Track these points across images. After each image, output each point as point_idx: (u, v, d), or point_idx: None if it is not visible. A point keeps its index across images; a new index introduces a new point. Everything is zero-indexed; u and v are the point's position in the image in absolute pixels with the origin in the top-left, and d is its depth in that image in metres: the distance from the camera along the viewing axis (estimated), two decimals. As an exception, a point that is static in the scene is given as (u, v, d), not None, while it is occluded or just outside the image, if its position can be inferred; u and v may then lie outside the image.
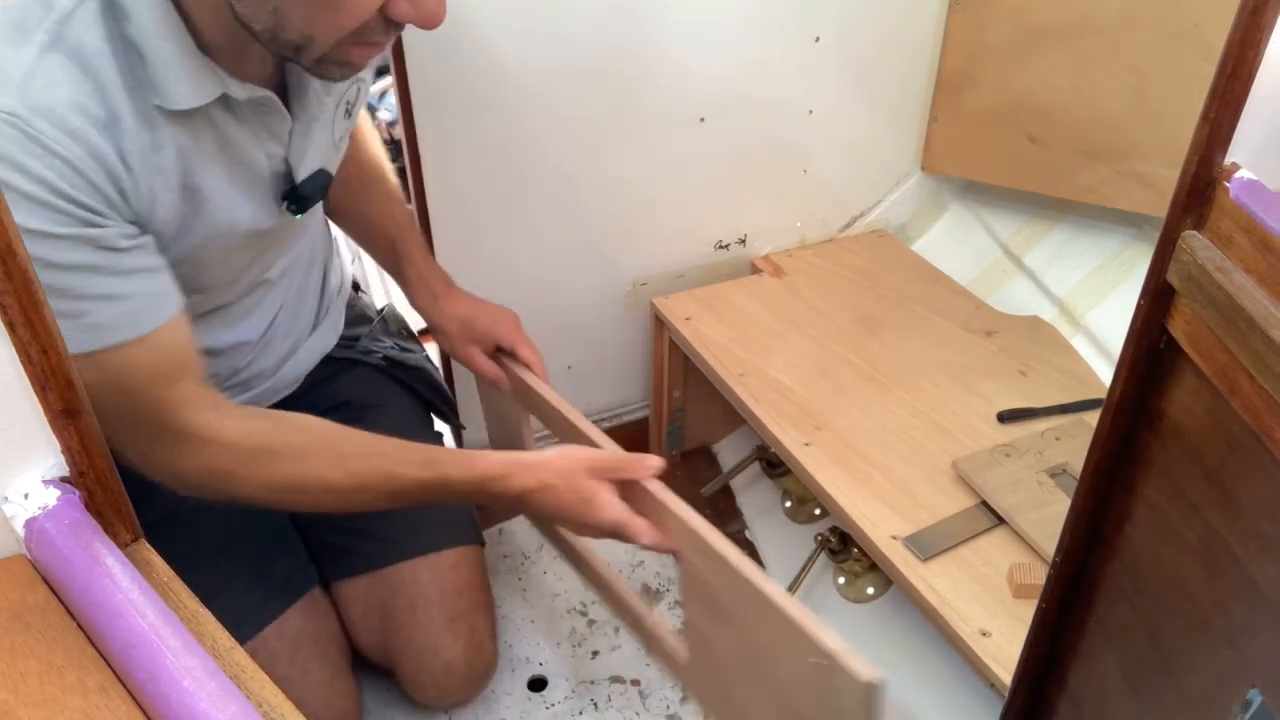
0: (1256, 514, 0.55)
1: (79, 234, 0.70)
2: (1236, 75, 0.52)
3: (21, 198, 0.67)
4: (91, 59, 0.70)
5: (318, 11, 0.70)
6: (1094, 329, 1.31)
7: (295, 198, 0.89)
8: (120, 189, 0.73)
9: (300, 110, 0.86)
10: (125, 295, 0.74)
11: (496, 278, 1.26)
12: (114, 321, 0.74)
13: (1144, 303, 0.61)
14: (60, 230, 0.69)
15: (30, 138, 0.67)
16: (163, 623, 0.49)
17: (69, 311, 0.71)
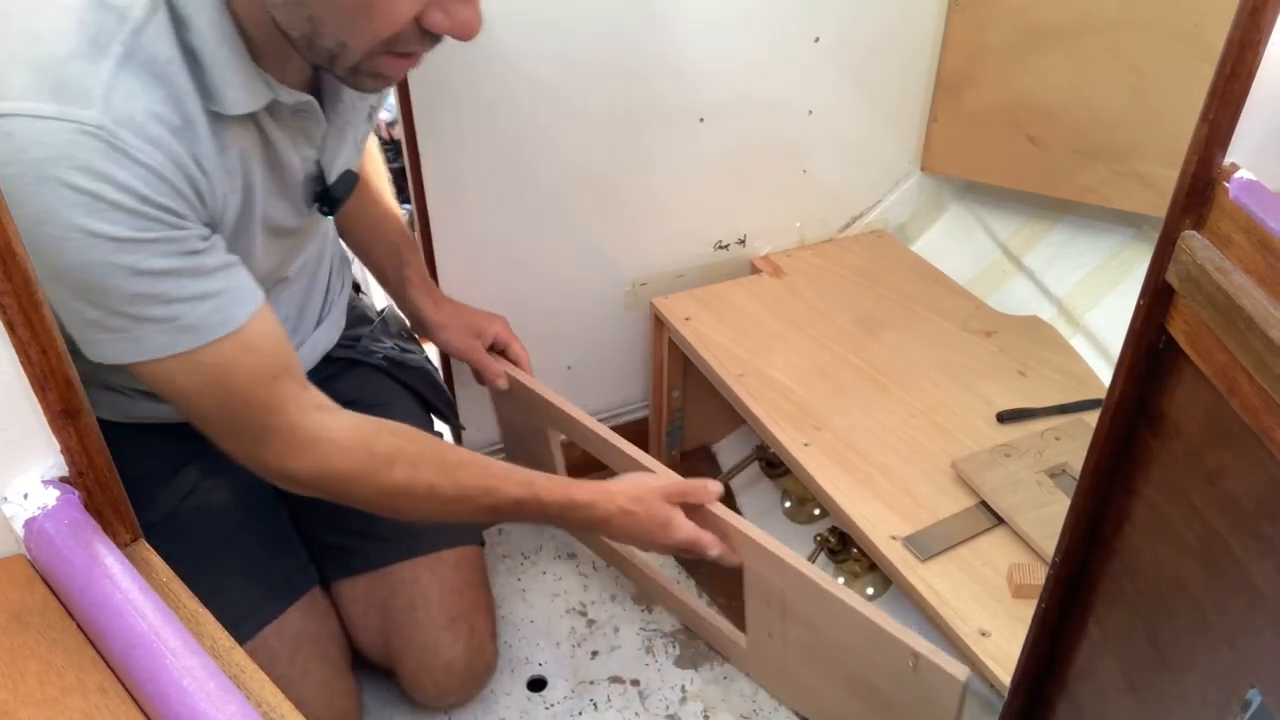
0: (1256, 514, 0.55)
1: (165, 237, 0.72)
2: (1236, 75, 0.52)
3: (110, 207, 0.69)
4: (164, 68, 0.71)
5: (352, 19, 0.72)
6: (1093, 329, 1.32)
7: (327, 199, 0.92)
8: (198, 192, 0.75)
9: (334, 115, 0.88)
10: (213, 293, 0.75)
11: (496, 278, 1.26)
12: (206, 319, 0.75)
13: (1143, 303, 0.61)
14: (149, 235, 0.71)
15: (116, 149, 0.68)
16: (162, 623, 0.49)
17: (162, 316, 0.74)
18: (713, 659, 1.24)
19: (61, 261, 0.70)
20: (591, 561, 1.36)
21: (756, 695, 1.21)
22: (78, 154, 0.67)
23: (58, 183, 0.67)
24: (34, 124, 0.66)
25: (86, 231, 0.68)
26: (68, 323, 0.74)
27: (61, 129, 0.67)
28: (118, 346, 0.75)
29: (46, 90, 0.67)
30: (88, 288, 0.71)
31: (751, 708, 1.19)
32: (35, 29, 0.68)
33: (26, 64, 0.67)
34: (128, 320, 0.73)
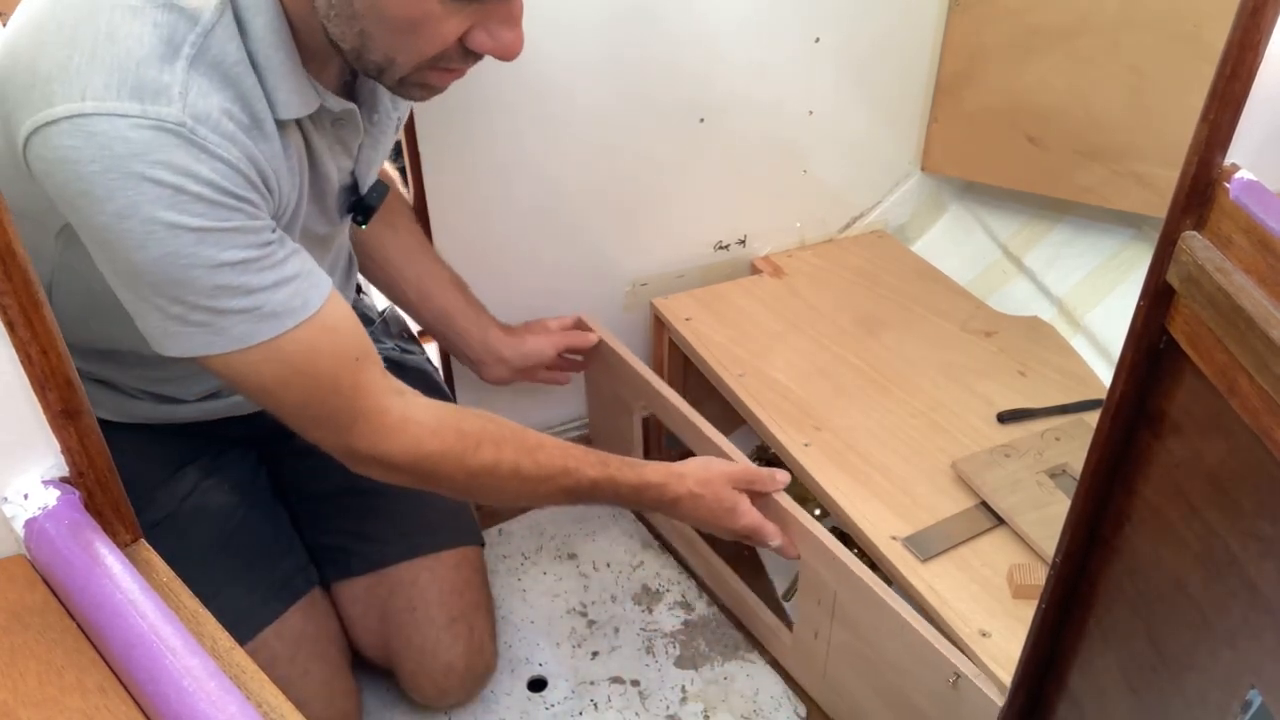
0: (1256, 515, 0.55)
1: (243, 226, 0.73)
2: (1236, 76, 0.52)
3: (192, 199, 0.70)
4: (232, 69, 0.73)
5: (399, 37, 0.74)
6: (1093, 329, 1.32)
7: (361, 208, 0.94)
8: (267, 187, 0.77)
9: (370, 124, 0.90)
10: (289, 278, 0.77)
11: (496, 278, 1.26)
12: (286, 304, 0.77)
13: (1143, 303, 0.61)
14: (228, 225, 0.72)
15: (195, 144, 0.70)
16: (162, 623, 0.49)
17: (244, 306, 0.75)
18: (713, 659, 1.24)
19: (144, 256, 0.71)
20: (592, 562, 1.36)
21: (757, 695, 1.21)
22: (160, 150, 0.69)
23: (141, 178, 0.68)
24: (117, 122, 0.68)
25: (169, 224, 0.70)
26: (147, 320, 0.76)
27: (144, 126, 0.68)
28: (201, 339, 0.76)
29: (127, 90, 0.68)
30: (171, 282, 0.72)
31: (752, 708, 1.19)
32: (110, 31, 0.69)
33: (105, 65, 0.68)
34: (211, 313, 0.74)
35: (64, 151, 0.68)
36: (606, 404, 1.37)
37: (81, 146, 0.68)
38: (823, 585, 1.05)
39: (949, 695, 0.93)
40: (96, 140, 0.68)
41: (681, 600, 1.32)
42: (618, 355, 1.25)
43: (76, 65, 0.68)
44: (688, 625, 1.29)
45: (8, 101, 0.72)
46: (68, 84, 0.68)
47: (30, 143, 0.69)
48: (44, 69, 0.69)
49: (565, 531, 1.41)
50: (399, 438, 0.87)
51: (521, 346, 1.22)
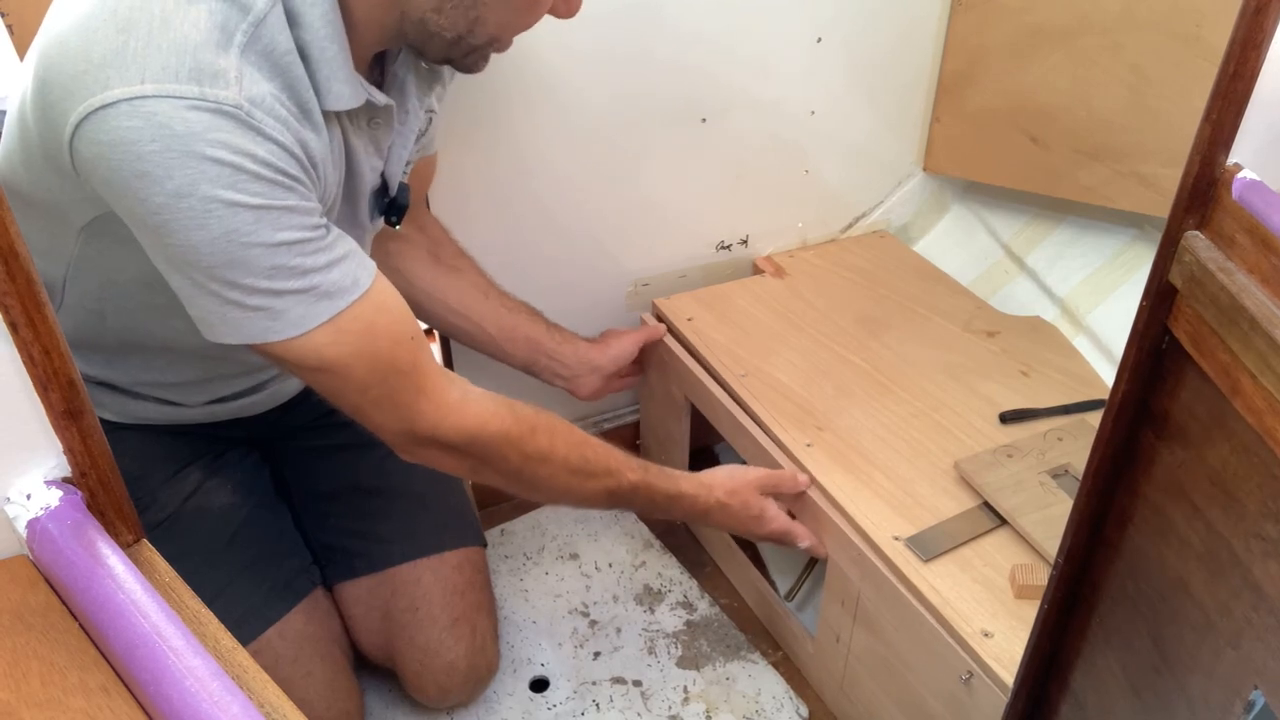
0: (1259, 515, 0.55)
1: (297, 206, 0.74)
2: (1239, 76, 0.52)
3: (250, 178, 0.71)
4: (282, 58, 0.74)
5: (517, 16, 0.80)
6: (1096, 329, 1.31)
7: (395, 209, 0.95)
8: (314, 174, 0.78)
9: (399, 124, 0.90)
10: (340, 258, 0.77)
11: (499, 278, 1.25)
12: (339, 283, 0.77)
13: (1146, 303, 0.61)
14: (284, 202, 0.73)
15: (252, 126, 0.71)
16: (165, 623, 0.49)
17: (301, 288, 0.75)
18: (715, 660, 1.24)
19: (202, 235, 0.71)
20: (594, 562, 1.36)
21: (759, 696, 1.21)
22: (218, 130, 0.69)
23: (200, 157, 0.69)
24: (176, 103, 0.68)
25: (228, 202, 0.70)
26: (203, 307, 0.75)
27: (202, 107, 0.69)
28: (260, 324, 0.76)
29: (185, 73, 0.69)
30: (228, 262, 0.72)
31: (754, 708, 1.19)
32: (165, 17, 0.70)
33: (163, 49, 0.69)
34: (268, 295, 0.74)
35: (122, 133, 0.68)
36: (659, 403, 1.39)
37: (141, 127, 0.68)
38: (848, 585, 1.06)
39: (960, 694, 0.93)
40: (156, 120, 0.68)
41: (683, 600, 1.32)
42: (671, 351, 1.29)
43: (133, 50, 0.69)
44: (690, 625, 1.29)
45: (52, 92, 0.72)
46: (124, 68, 0.69)
47: (83, 127, 0.70)
48: (97, 55, 0.69)
49: (567, 532, 1.41)
50: (460, 416, 0.87)
51: (608, 351, 1.26)
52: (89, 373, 0.96)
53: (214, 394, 1.01)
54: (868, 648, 1.08)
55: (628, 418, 1.51)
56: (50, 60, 0.72)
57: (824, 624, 1.15)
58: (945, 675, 0.95)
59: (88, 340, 0.92)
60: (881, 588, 1.01)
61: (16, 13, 1.54)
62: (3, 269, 0.47)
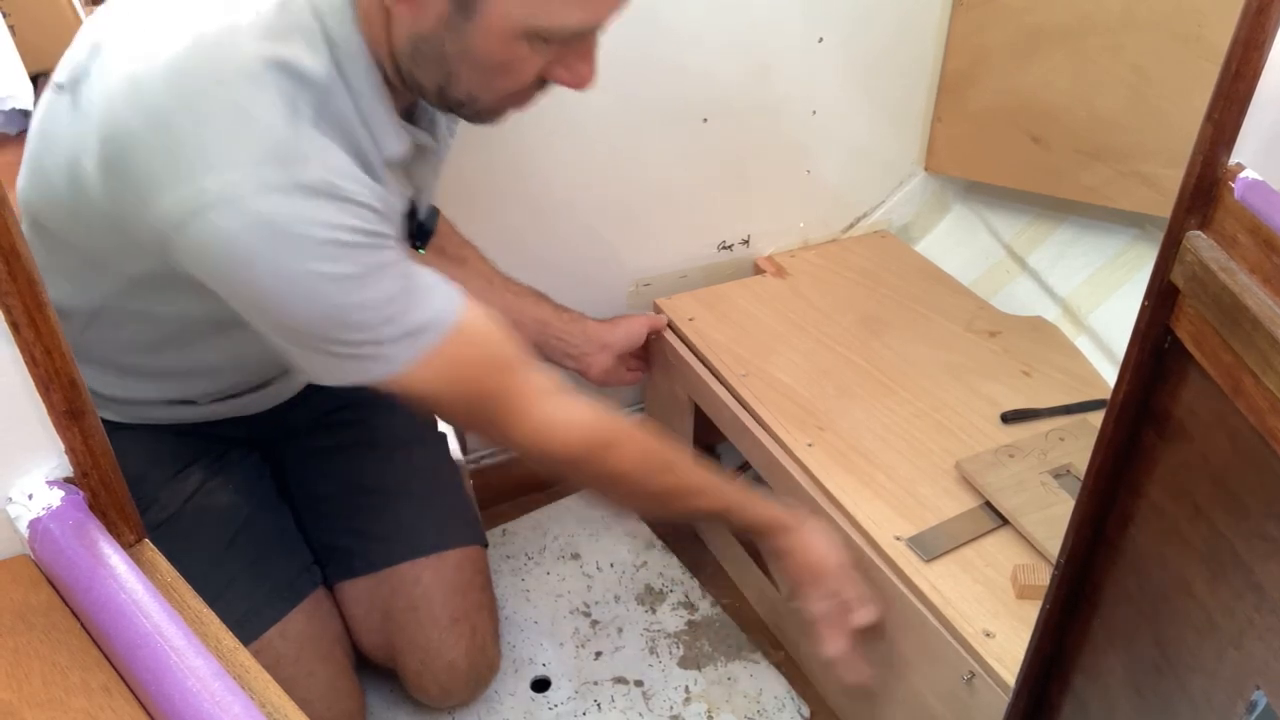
0: (1261, 515, 0.55)
1: (391, 260, 0.78)
2: (1241, 75, 0.52)
3: (349, 248, 0.74)
4: (347, 124, 0.78)
5: (486, 77, 0.80)
6: (1098, 329, 1.31)
7: (422, 233, 0.97)
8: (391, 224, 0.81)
9: (431, 152, 0.92)
10: (428, 291, 0.80)
11: (507, 269, 1.25)
12: (430, 319, 0.80)
13: (1148, 303, 0.61)
14: (380, 261, 0.77)
15: (340, 197, 0.74)
16: (167, 623, 0.49)
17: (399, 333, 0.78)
18: (716, 660, 1.24)
19: (311, 310, 0.75)
20: (595, 562, 1.37)
21: (760, 696, 1.21)
22: (313, 211, 0.72)
23: (302, 239, 0.72)
24: (270, 194, 0.71)
25: (330, 276, 0.74)
26: (310, 362, 0.80)
27: (294, 192, 0.72)
28: (363, 366, 0.80)
29: (272, 161, 0.71)
30: (336, 326, 0.76)
31: (755, 708, 1.19)
32: (240, 105, 0.72)
33: (245, 141, 0.71)
34: (370, 345, 0.78)
35: (223, 231, 0.71)
36: (663, 402, 1.39)
37: (243, 223, 0.71)
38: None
39: (962, 694, 0.93)
40: (256, 214, 0.71)
41: (685, 600, 1.32)
42: (675, 350, 1.29)
43: (216, 145, 0.71)
44: (691, 625, 1.29)
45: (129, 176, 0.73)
46: (211, 164, 0.71)
47: (178, 222, 0.72)
48: (179, 151, 0.71)
49: (569, 531, 1.41)
50: (545, 438, 0.90)
51: (617, 330, 1.26)
52: (103, 391, 0.96)
53: (223, 393, 1.01)
54: (870, 648, 1.07)
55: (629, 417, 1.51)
56: (122, 145, 0.73)
57: None
58: (947, 675, 0.95)
59: (108, 359, 0.93)
60: (883, 588, 1.01)
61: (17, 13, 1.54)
62: (4, 269, 0.47)
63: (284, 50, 0.74)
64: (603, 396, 1.45)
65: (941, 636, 0.94)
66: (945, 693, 0.97)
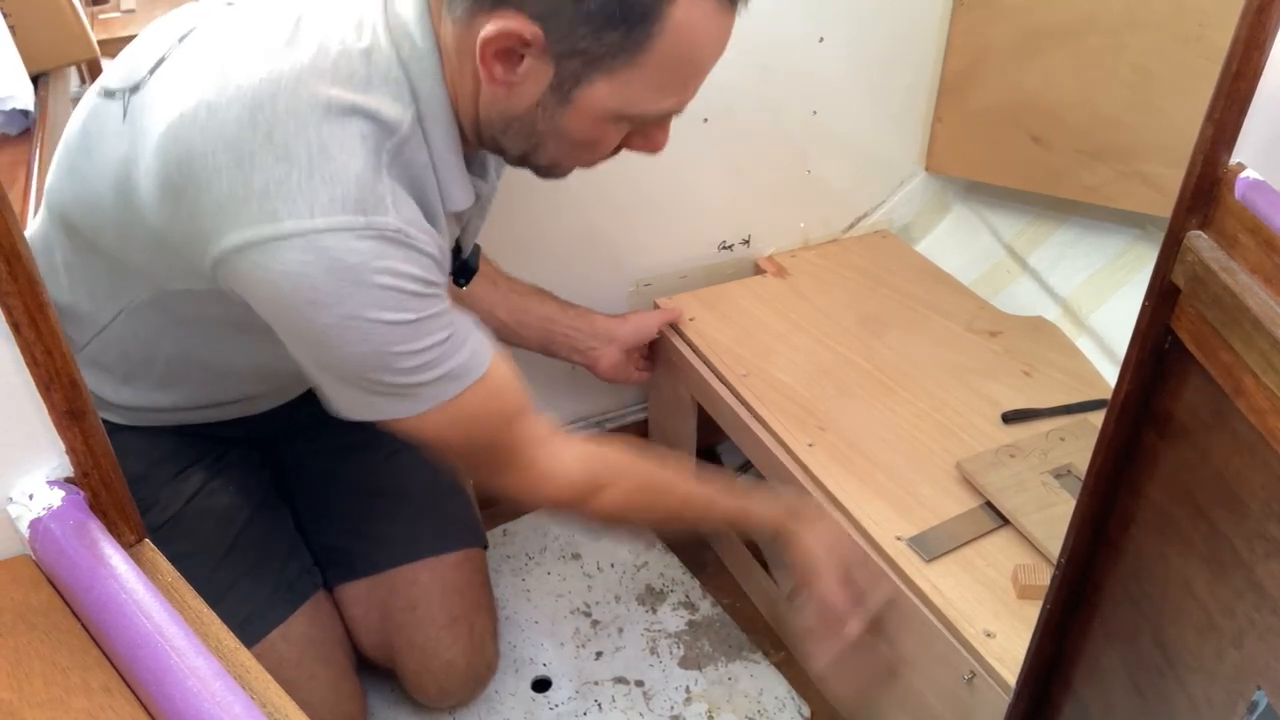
0: (1262, 515, 0.55)
1: (441, 310, 0.80)
2: (1242, 75, 0.52)
3: (410, 297, 0.76)
4: (419, 173, 0.79)
5: (573, 151, 0.84)
6: (1098, 329, 1.31)
7: (465, 271, 0.99)
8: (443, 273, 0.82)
9: (484, 198, 0.94)
10: (464, 341, 0.82)
11: (505, 267, 1.25)
12: (465, 367, 0.82)
13: (1149, 303, 0.61)
14: (432, 311, 0.79)
15: (409, 246, 0.75)
16: (167, 623, 0.49)
17: (435, 377, 0.80)
18: (717, 660, 1.24)
19: (361, 349, 0.77)
20: (596, 562, 1.37)
21: (761, 696, 1.21)
22: (384, 258, 0.74)
23: (370, 285, 0.74)
24: (345, 236, 0.72)
25: (389, 322, 0.76)
26: (339, 395, 0.81)
27: (368, 236, 0.73)
28: (394, 406, 0.81)
29: (351, 204, 0.72)
30: (379, 367, 0.78)
31: (756, 708, 1.19)
32: (323, 144, 0.73)
33: (326, 180, 0.72)
34: (407, 386, 0.80)
35: (297, 266, 0.72)
36: (666, 401, 1.39)
37: (315, 261, 0.72)
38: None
39: (963, 694, 0.93)
40: (330, 254, 0.72)
41: (685, 600, 1.32)
42: (678, 350, 1.29)
43: (297, 182, 0.72)
44: (692, 625, 1.29)
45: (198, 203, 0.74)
46: (291, 201, 0.71)
47: (249, 252, 0.73)
48: (259, 183, 0.72)
49: (569, 532, 1.41)
50: (546, 486, 0.93)
51: (626, 324, 1.26)
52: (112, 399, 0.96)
53: (237, 399, 1.01)
54: (869, 644, 1.07)
55: (630, 417, 1.51)
56: (192, 170, 0.73)
57: None
58: (948, 675, 0.95)
59: (119, 363, 0.93)
60: (885, 589, 1.01)
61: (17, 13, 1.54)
62: (5, 269, 0.47)
63: (368, 97, 0.75)
64: (611, 393, 1.46)
65: (942, 636, 0.94)
66: (946, 693, 0.97)
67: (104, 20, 2.27)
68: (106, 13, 2.31)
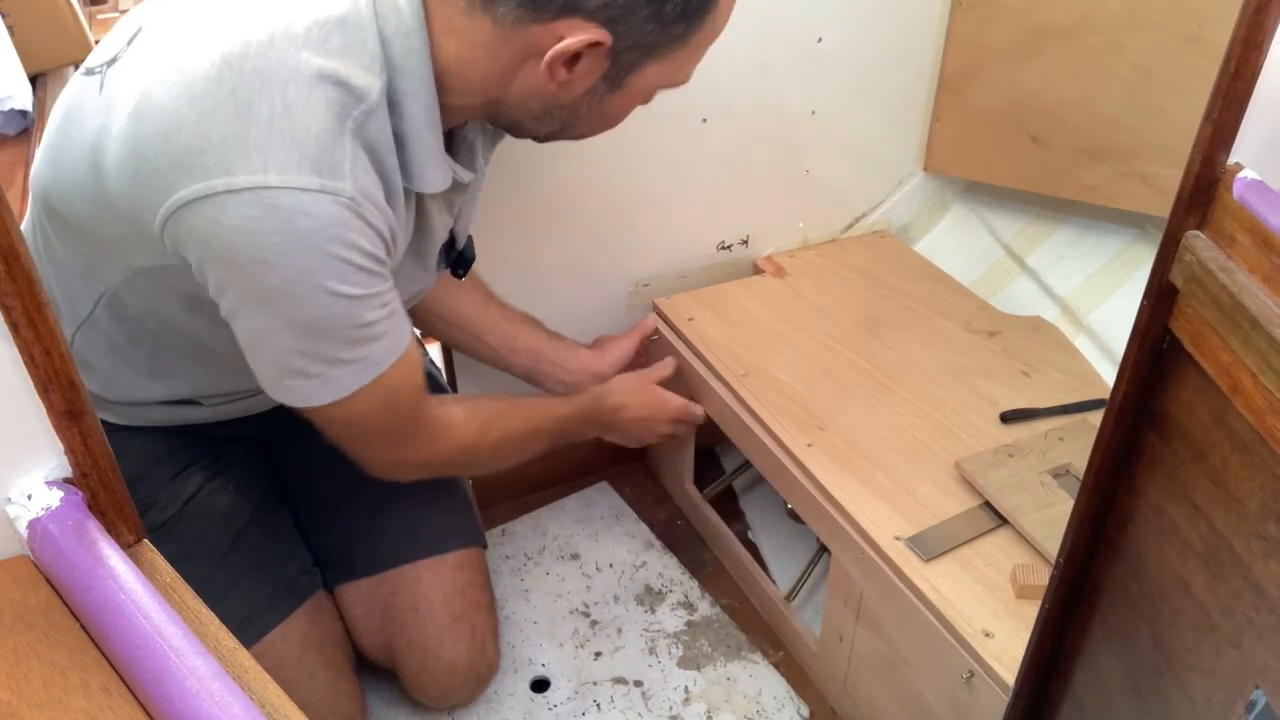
0: (1260, 515, 0.55)
1: (383, 290, 0.80)
2: (1240, 75, 0.52)
3: (356, 270, 0.76)
4: (380, 146, 0.78)
5: (603, 125, 0.88)
6: (1097, 329, 1.31)
7: (462, 262, 0.99)
8: (392, 254, 0.82)
9: (473, 184, 0.94)
10: (392, 329, 0.83)
11: (499, 278, 1.25)
12: (387, 351, 0.83)
13: (1147, 303, 0.61)
14: (375, 289, 0.79)
15: (361, 217, 0.75)
16: (166, 623, 0.49)
17: (357, 358, 0.81)
18: (716, 660, 1.24)
19: (301, 316, 0.77)
20: (595, 562, 1.37)
21: (760, 696, 1.21)
22: (335, 225, 0.74)
23: (318, 250, 0.73)
24: (300, 196, 0.72)
25: (332, 292, 0.75)
26: (265, 367, 0.82)
27: (323, 201, 0.72)
28: (312, 391, 0.82)
29: (308, 164, 0.72)
30: (314, 337, 0.78)
31: (755, 708, 1.19)
32: (286, 105, 0.72)
33: (285, 138, 0.72)
34: (328, 365, 0.80)
35: (246, 220, 0.71)
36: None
37: (265, 218, 0.71)
38: (851, 584, 1.06)
39: (962, 694, 0.93)
40: (280, 213, 0.71)
41: (684, 601, 1.32)
42: (675, 350, 1.29)
43: (255, 137, 0.71)
44: (691, 626, 1.29)
45: (156, 157, 0.73)
46: (246, 155, 0.71)
47: (198, 204, 0.72)
48: (217, 136, 0.71)
49: (568, 532, 1.41)
50: (445, 442, 0.97)
51: (608, 356, 1.26)
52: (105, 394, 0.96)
53: (232, 394, 1.01)
54: (870, 647, 1.08)
55: (629, 418, 1.51)
56: (155, 126, 0.73)
57: (827, 623, 1.15)
58: (947, 675, 0.95)
59: (112, 353, 0.93)
60: (883, 587, 1.01)
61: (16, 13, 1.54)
62: (3, 269, 0.47)
63: (338, 64, 0.74)
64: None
65: (941, 636, 0.94)
66: (945, 692, 0.97)
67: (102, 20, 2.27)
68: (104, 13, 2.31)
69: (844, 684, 1.16)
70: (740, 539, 1.36)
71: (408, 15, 0.76)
